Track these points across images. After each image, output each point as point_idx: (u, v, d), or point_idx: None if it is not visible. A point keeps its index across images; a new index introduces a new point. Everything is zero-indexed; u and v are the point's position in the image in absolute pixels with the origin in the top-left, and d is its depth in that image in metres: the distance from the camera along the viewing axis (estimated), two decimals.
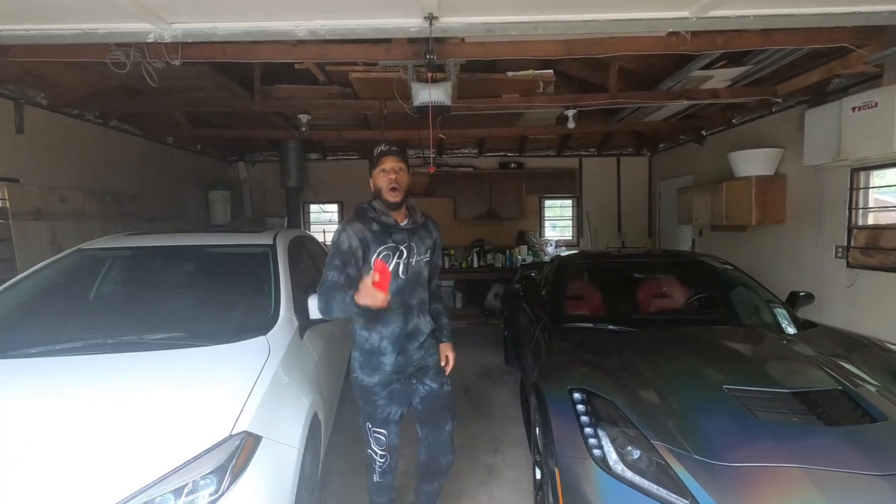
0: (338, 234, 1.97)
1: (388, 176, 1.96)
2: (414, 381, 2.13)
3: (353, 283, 1.85)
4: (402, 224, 2.03)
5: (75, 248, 2.77)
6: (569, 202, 8.28)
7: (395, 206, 1.98)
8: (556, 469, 1.92)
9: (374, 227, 1.97)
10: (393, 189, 1.95)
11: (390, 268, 1.92)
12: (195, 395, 1.72)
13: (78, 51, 2.91)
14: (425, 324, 2.10)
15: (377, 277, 1.67)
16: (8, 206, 3.68)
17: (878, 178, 3.84)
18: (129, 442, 1.52)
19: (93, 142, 4.68)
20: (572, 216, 8.29)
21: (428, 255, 2.10)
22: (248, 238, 2.96)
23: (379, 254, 1.95)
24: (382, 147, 2.01)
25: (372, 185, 2.02)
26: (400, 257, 1.99)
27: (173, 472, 1.44)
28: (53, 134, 4.19)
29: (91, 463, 1.46)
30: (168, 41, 2.53)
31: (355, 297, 1.73)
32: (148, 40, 2.51)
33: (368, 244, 1.95)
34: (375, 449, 2.11)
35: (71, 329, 2.24)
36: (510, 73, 4.00)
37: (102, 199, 4.74)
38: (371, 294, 1.68)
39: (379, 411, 2.07)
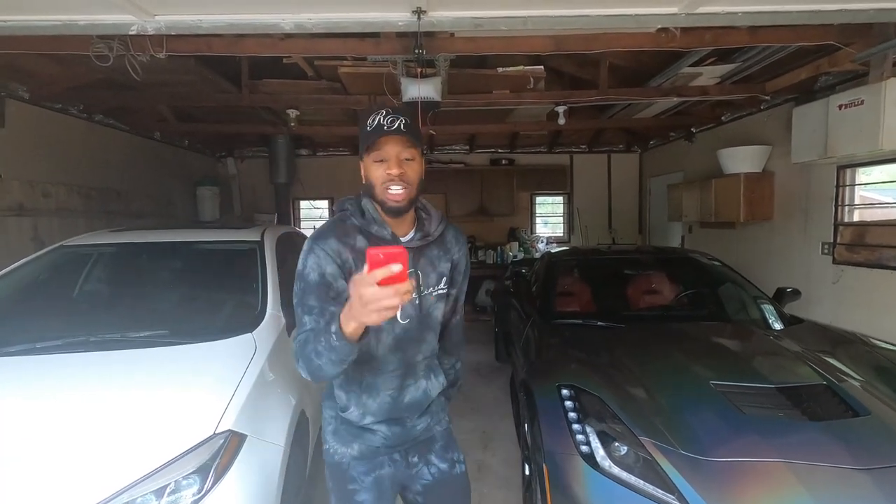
0: (304, 258, 1.23)
1: (386, 170, 1.20)
2: (414, 459, 1.41)
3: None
4: (404, 239, 1.28)
5: (58, 244, 2.72)
6: (560, 199, 8.30)
7: (397, 213, 1.23)
8: (544, 465, 1.93)
9: (360, 242, 1.24)
10: (394, 188, 1.20)
11: None
12: (178, 393, 1.70)
13: (59, 43, 2.84)
14: (435, 386, 1.42)
15: (378, 272, 0.92)
16: None
17: (864, 175, 3.89)
18: (109, 441, 1.49)
19: (77, 136, 4.60)
20: (563, 213, 8.31)
21: (444, 285, 1.35)
22: (236, 234, 2.93)
23: None
24: (381, 117, 1.19)
25: (363, 174, 1.26)
26: None
27: (155, 472, 1.42)
28: (36, 128, 4.11)
29: (71, 463, 1.43)
30: (152, 33, 2.48)
31: (341, 325, 1.01)
32: (131, 32, 2.45)
33: (351, 273, 1.21)
34: None
35: (52, 327, 2.19)
36: (500, 69, 3.99)
37: (87, 194, 4.66)
38: (376, 299, 0.92)
39: None
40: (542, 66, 4.01)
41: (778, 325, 2.91)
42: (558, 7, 2.42)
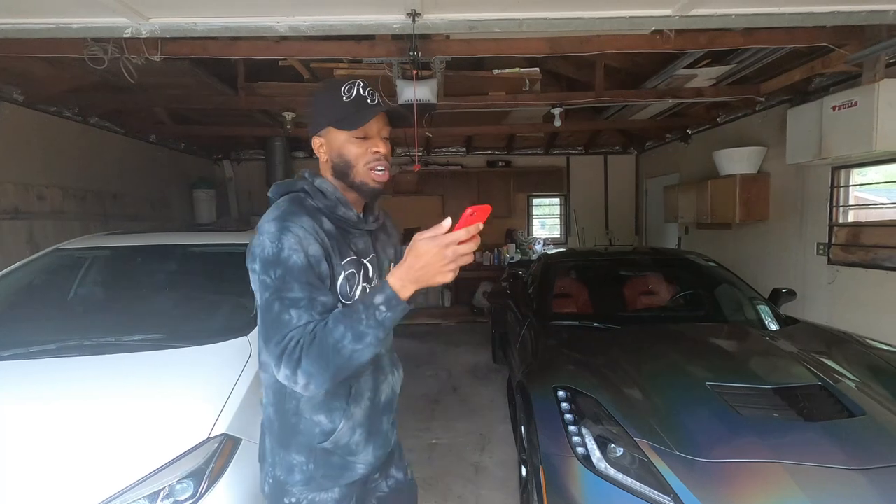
0: (276, 239, 1.01)
1: (371, 148, 1.12)
2: (376, 476, 1.31)
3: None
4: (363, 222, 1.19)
5: (53, 247, 2.71)
6: (557, 200, 8.31)
7: (375, 195, 1.16)
8: (540, 467, 1.92)
9: (327, 225, 1.10)
10: (380, 168, 1.13)
11: (355, 298, 1.12)
12: (173, 397, 1.69)
13: (53, 46, 2.84)
14: (399, 379, 1.32)
15: (470, 228, 0.92)
16: None
17: (859, 175, 3.90)
18: (103, 446, 1.49)
19: (72, 139, 4.58)
20: (560, 214, 8.32)
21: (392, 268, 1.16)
22: (231, 237, 2.91)
23: (342, 276, 1.10)
24: (359, 89, 1.11)
25: (326, 151, 1.14)
26: (365, 279, 1.16)
27: (149, 477, 1.41)
28: (31, 131, 4.09)
29: (66, 467, 1.42)
30: (146, 36, 2.47)
31: (395, 286, 0.95)
32: (125, 35, 2.45)
33: (330, 257, 1.08)
34: None
35: (47, 331, 2.19)
36: (496, 71, 3.99)
37: (83, 197, 4.64)
38: (460, 255, 0.93)
39: None
40: (537, 69, 4.02)
41: (774, 326, 2.92)
42: (553, 9, 2.43)
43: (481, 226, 0.93)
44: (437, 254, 0.91)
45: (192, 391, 1.72)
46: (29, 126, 4.06)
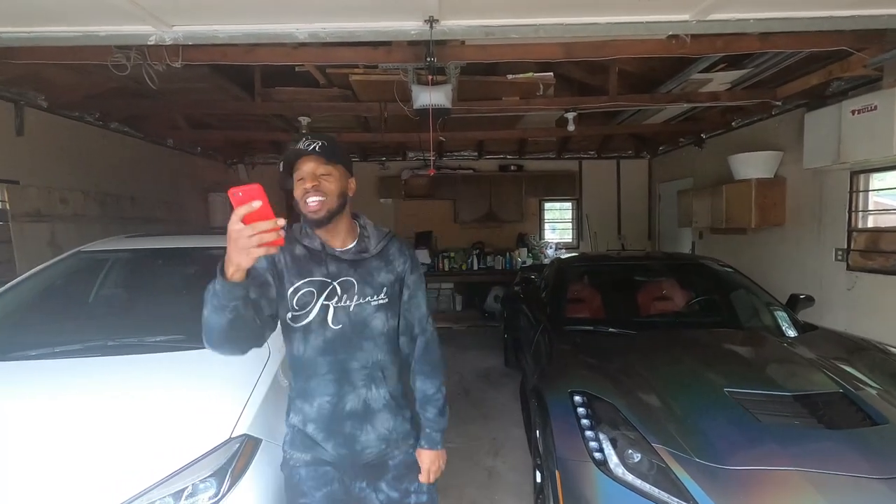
0: None
1: (304, 185, 1.31)
2: (362, 485, 1.44)
3: (268, 322, 1.31)
4: (339, 250, 1.38)
5: (75, 249, 2.76)
6: (568, 205, 8.29)
7: (318, 224, 1.34)
8: (556, 472, 1.92)
9: (298, 250, 1.37)
10: (310, 199, 1.30)
11: (312, 312, 1.34)
12: (195, 397, 1.71)
13: (79, 53, 2.91)
14: (378, 399, 1.40)
15: (241, 209, 1.02)
16: (8, 207, 3.68)
17: (878, 180, 3.85)
18: (128, 444, 1.51)
19: (93, 144, 4.68)
20: (572, 218, 8.30)
21: (385, 295, 1.39)
22: None
23: (297, 292, 1.33)
24: (300, 143, 1.33)
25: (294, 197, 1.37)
26: (329, 298, 1.35)
27: (173, 475, 1.43)
28: (53, 136, 4.19)
29: (90, 465, 1.45)
30: (169, 43, 2.53)
31: (221, 268, 1.10)
32: (149, 43, 2.51)
33: (282, 273, 1.34)
34: None
35: (71, 331, 2.23)
36: (510, 76, 4.00)
37: (102, 200, 4.74)
38: (241, 235, 1.03)
39: None
40: (551, 73, 4.02)
41: (792, 332, 2.89)
42: (569, 15, 2.44)
43: (260, 204, 1.02)
44: (229, 236, 1.04)
45: (213, 392, 1.74)
46: (52, 131, 4.16)
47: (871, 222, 3.87)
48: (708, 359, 2.43)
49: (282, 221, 1.05)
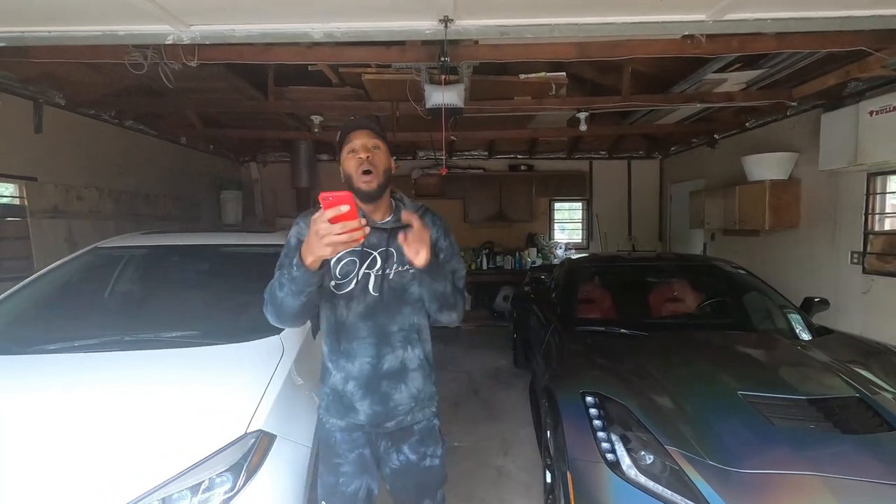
0: (290, 231, 1.51)
1: (356, 156, 1.43)
2: (388, 444, 1.57)
3: (323, 294, 1.43)
4: (379, 222, 1.50)
5: (92, 246, 2.81)
6: (579, 205, 8.26)
7: (370, 197, 1.44)
8: (568, 473, 1.92)
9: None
10: (365, 172, 1.42)
11: (354, 280, 1.46)
12: (211, 393, 1.74)
13: (97, 52, 2.95)
14: (414, 358, 1.52)
15: (329, 211, 1.14)
16: (26, 204, 3.75)
17: None
18: (145, 439, 1.54)
19: (109, 141, 4.75)
20: (582, 219, 8.27)
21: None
22: (261, 238, 2.98)
23: (339, 261, 1.46)
24: (350, 119, 1.51)
25: (342, 173, 1.50)
26: (371, 267, 1.46)
27: (190, 470, 1.45)
28: (71, 133, 4.26)
29: (108, 459, 1.47)
30: (186, 43, 2.56)
31: (301, 257, 1.24)
32: (167, 42, 2.54)
33: None
34: None
35: (88, 326, 2.27)
36: (523, 76, 4.00)
37: (118, 198, 4.80)
38: (328, 232, 1.15)
39: (342, 483, 1.54)
40: (564, 73, 4.01)
41: (806, 336, 2.86)
42: (584, 15, 2.44)
43: (348, 208, 1.14)
44: (312, 229, 1.19)
45: (229, 387, 1.76)
46: (70, 129, 4.23)
47: (887, 225, 3.82)
48: (721, 361, 2.42)
49: (364, 221, 1.17)
